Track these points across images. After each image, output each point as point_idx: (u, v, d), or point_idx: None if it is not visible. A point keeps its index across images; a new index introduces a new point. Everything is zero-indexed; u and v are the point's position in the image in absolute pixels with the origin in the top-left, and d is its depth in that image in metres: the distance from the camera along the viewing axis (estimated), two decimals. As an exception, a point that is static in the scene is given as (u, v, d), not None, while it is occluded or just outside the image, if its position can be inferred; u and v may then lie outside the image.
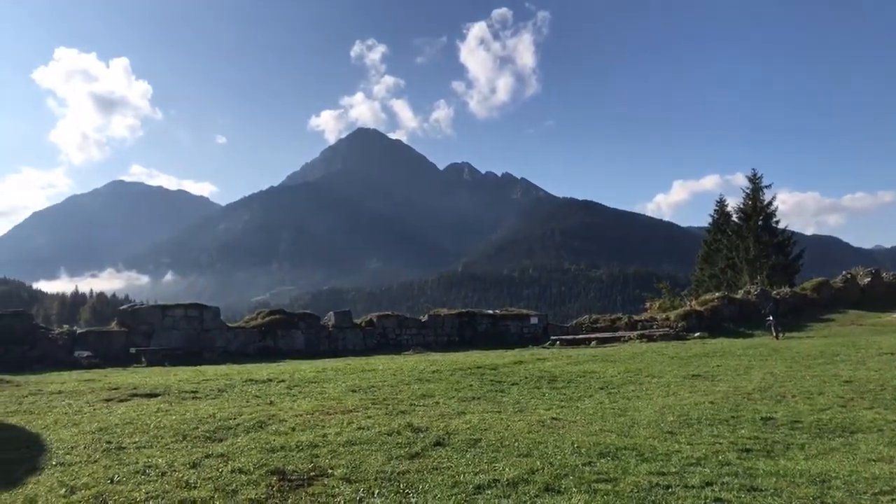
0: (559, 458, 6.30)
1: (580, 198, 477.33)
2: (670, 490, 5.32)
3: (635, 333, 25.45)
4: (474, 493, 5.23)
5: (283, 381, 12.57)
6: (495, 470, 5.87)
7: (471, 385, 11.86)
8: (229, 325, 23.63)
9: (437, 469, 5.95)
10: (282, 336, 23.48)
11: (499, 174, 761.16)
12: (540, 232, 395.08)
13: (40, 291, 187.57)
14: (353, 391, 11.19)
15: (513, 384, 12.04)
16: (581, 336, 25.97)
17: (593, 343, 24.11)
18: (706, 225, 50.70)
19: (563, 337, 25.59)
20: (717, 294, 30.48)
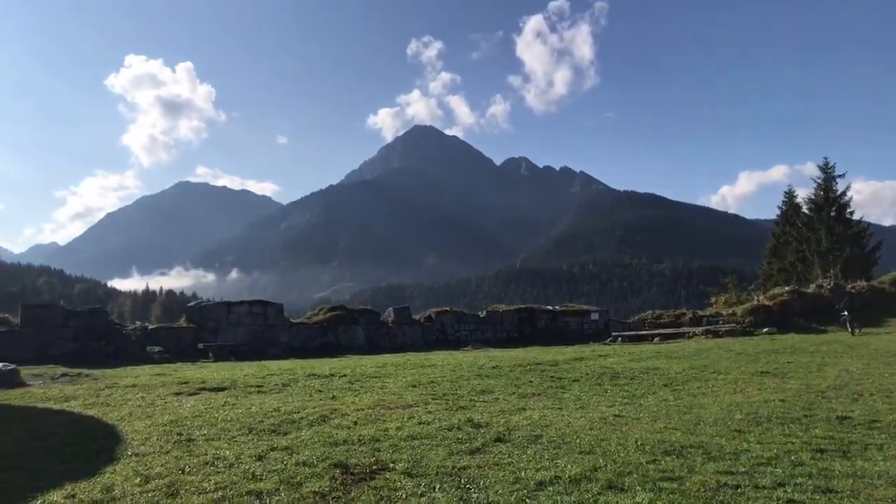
0: (622, 455, 6.19)
1: (641, 191, 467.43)
2: (739, 490, 5.15)
3: (700, 329, 24.78)
4: (536, 490, 5.19)
5: (344, 375, 12.78)
6: (557, 466, 5.81)
7: (531, 381, 11.78)
8: (292, 321, 24.15)
9: (497, 465, 5.93)
10: (343, 332, 23.84)
11: (557, 168, 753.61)
12: (600, 226, 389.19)
13: (114, 289, 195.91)
14: (413, 386, 11.28)
15: (573, 381, 11.90)
16: (643, 332, 25.45)
17: (656, 339, 23.60)
18: (774, 217, 48.90)
19: (625, 333, 25.14)
20: (786, 288, 29.37)
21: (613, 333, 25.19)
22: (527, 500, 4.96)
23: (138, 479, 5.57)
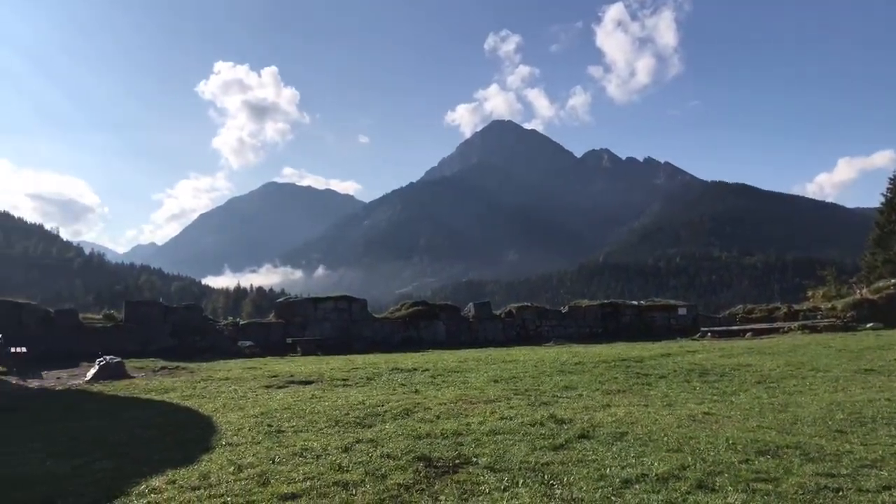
0: (712, 454, 5.97)
1: (730, 181, 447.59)
2: (841, 493, 4.87)
3: (796, 324, 23.59)
4: (621, 487, 5.07)
5: (426, 370, 12.91)
6: (643, 464, 5.66)
7: (615, 378, 11.54)
8: (375, 316, 24.63)
9: (581, 461, 5.84)
10: (424, 327, 24.12)
11: (640, 159, 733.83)
12: (687, 218, 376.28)
13: (208, 286, 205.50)
14: (495, 381, 11.27)
15: (660, 377, 11.57)
16: (734, 327, 24.47)
17: (748, 335, 22.64)
18: (878, 205, 45.84)
19: (715, 328, 24.25)
20: (892, 281, 27.51)
21: (702, 329, 24.36)
22: (612, 498, 4.86)
23: (232, 467, 5.81)
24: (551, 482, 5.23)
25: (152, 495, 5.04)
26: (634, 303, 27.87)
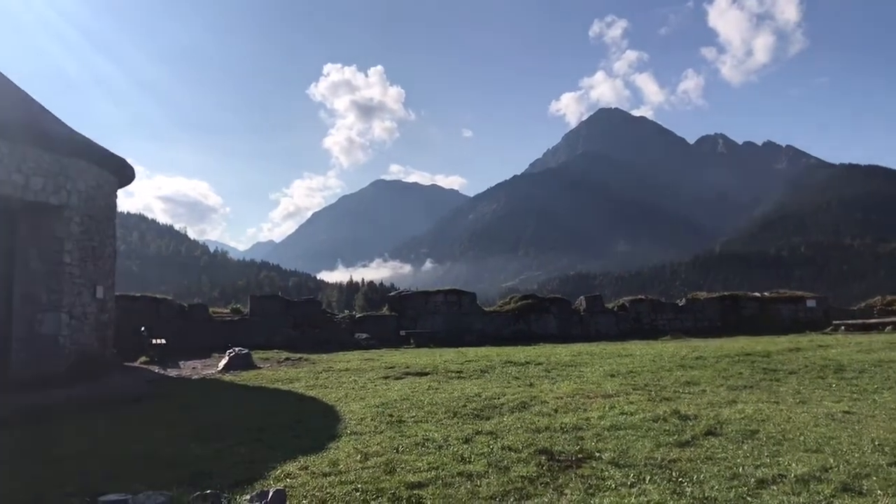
0: (857, 455, 5.57)
1: (863, 163, 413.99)
2: None
3: (944, 317, 21.55)
4: (757, 488, 4.83)
5: (540, 363, 12.84)
6: (779, 465, 5.37)
7: (740, 373, 11.00)
8: (485, 309, 24.76)
9: (710, 459, 5.62)
10: (534, 320, 23.99)
11: (759, 143, 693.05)
12: (813, 204, 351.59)
13: (322, 281, 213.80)
14: (612, 376, 11.04)
15: (790, 373, 10.91)
16: (872, 321, 22.65)
17: (888, 328, 20.90)
18: None
19: (849, 322, 22.56)
20: None
21: (834, 322, 22.76)
22: (748, 499, 4.63)
23: (359, 455, 6.03)
24: (679, 479, 5.07)
25: (288, 480, 5.32)
26: (757, 294, 26.42)
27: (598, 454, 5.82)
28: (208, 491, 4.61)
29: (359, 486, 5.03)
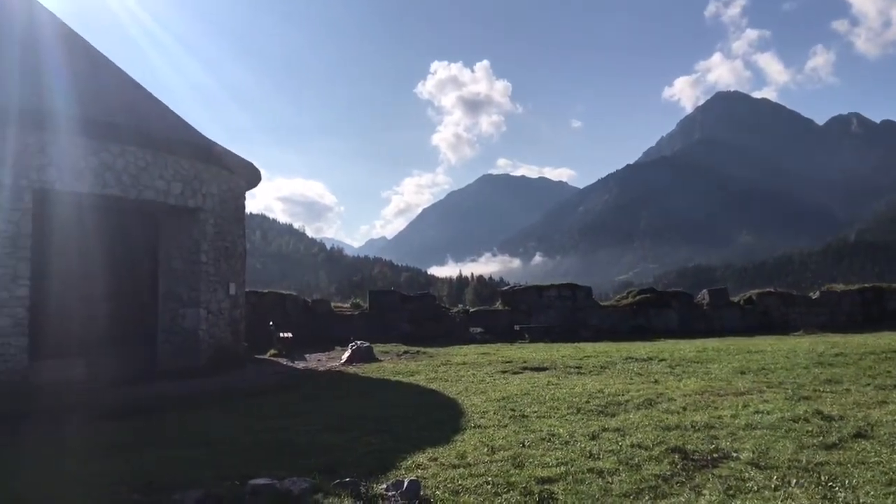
0: None
1: None
2: None
3: None
4: (920, 497, 4.45)
5: (663, 359, 12.44)
6: (944, 472, 4.92)
7: (888, 371, 10.16)
8: (601, 303, 24.26)
9: (862, 463, 5.24)
10: (654, 314, 23.23)
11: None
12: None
13: (433, 276, 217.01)
14: (742, 373, 10.52)
15: (949, 372, 9.96)
16: None
17: None
18: None
19: None
20: None
21: None
22: (910, 508, 4.28)
23: (485, 448, 6.08)
24: (829, 483, 4.75)
25: (419, 470, 5.44)
26: (903, 286, 24.29)
27: (735, 454, 5.57)
28: (347, 479, 4.81)
29: (489, 479, 5.07)
